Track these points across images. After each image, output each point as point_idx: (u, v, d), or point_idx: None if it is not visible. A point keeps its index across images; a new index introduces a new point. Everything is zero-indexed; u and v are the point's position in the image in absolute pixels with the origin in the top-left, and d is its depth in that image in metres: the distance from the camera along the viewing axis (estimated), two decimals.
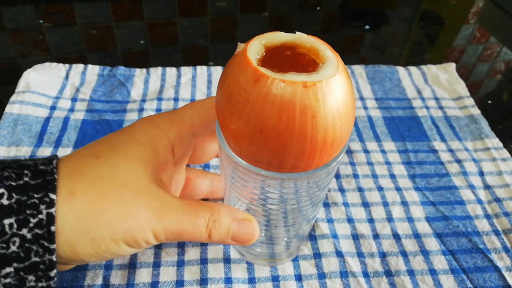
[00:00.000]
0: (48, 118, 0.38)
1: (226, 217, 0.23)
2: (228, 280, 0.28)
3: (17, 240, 0.18)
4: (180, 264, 0.29)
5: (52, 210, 0.19)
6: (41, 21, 0.52)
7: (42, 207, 0.19)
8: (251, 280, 0.29)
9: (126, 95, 0.42)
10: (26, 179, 0.19)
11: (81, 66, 0.44)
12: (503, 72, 0.51)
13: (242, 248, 0.29)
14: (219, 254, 0.30)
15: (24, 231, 0.18)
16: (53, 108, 0.39)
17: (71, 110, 0.40)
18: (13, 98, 0.39)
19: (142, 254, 0.29)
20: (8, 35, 0.50)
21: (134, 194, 0.21)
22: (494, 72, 0.51)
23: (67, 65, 0.44)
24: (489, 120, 0.41)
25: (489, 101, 0.46)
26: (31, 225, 0.19)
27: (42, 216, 0.19)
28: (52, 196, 0.19)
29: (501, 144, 0.39)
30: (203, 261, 0.29)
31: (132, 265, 0.29)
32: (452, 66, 0.48)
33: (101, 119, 0.39)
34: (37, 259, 0.19)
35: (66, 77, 0.43)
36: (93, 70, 0.44)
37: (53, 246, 0.19)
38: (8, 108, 0.38)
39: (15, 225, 0.18)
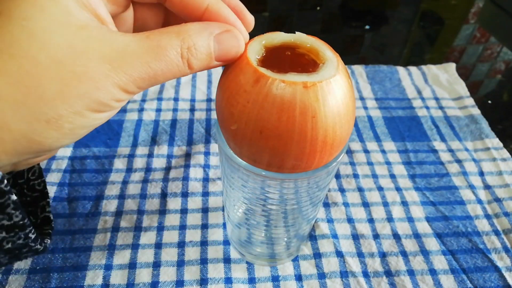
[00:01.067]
0: None
1: (200, 37, 0.18)
2: (228, 280, 0.28)
3: None
4: (180, 264, 0.29)
5: None
6: None
7: None
8: (251, 280, 0.29)
9: None
10: None
11: None
12: (503, 72, 0.51)
13: (242, 248, 0.29)
14: (219, 254, 0.30)
15: None
16: None
17: None
18: None
19: (142, 254, 0.29)
20: None
21: (71, 51, 0.16)
22: (494, 72, 0.51)
23: None
24: (489, 120, 0.41)
25: (489, 101, 0.45)
26: None
27: None
28: None
29: (501, 144, 0.39)
30: (203, 261, 0.29)
31: (132, 265, 0.29)
32: (452, 66, 0.48)
33: None
34: None
35: None
36: None
37: None
38: None
39: None
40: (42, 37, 0.15)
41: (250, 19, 0.20)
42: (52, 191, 0.33)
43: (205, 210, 0.32)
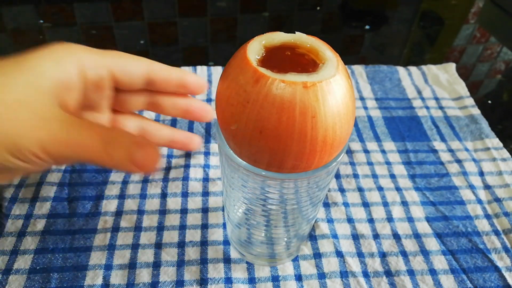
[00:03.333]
0: None
1: (123, 137, 0.20)
2: (228, 280, 0.28)
3: None
4: (180, 264, 0.29)
5: None
6: (41, 21, 0.52)
7: None
8: (251, 280, 0.29)
9: None
10: None
11: None
12: (503, 72, 0.51)
13: (242, 248, 0.29)
14: (219, 254, 0.30)
15: None
16: None
17: None
18: None
19: (142, 254, 0.29)
20: (8, 35, 0.50)
21: (20, 102, 0.19)
22: (494, 72, 0.51)
23: None
24: (489, 120, 0.41)
25: (489, 101, 0.46)
26: None
27: None
28: None
29: (501, 144, 0.39)
30: (203, 261, 0.29)
31: (132, 265, 0.29)
32: (452, 66, 0.48)
33: None
34: None
35: None
36: None
37: None
38: None
39: None
40: (8, 88, 0.19)
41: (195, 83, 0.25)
42: (52, 191, 0.33)
43: (205, 210, 0.32)
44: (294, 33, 0.20)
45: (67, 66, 0.22)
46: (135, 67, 0.25)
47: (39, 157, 0.19)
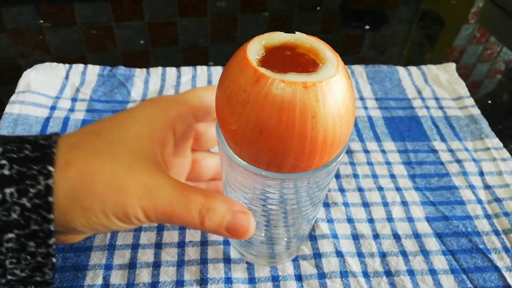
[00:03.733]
0: (48, 118, 0.38)
1: (221, 205, 0.22)
2: (228, 280, 0.28)
3: (18, 208, 0.19)
4: (180, 264, 0.29)
5: (50, 181, 0.20)
6: (41, 21, 0.52)
7: (41, 178, 0.20)
8: (251, 280, 0.29)
9: (126, 95, 0.42)
10: (26, 152, 0.20)
11: (81, 66, 0.44)
12: (503, 72, 0.51)
13: (242, 248, 0.29)
14: (219, 254, 0.30)
15: (24, 200, 0.19)
16: (53, 108, 0.39)
17: (71, 110, 0.40)
18: (13, 98, 0.39)
19: (142, 254, 0.29)
20: (8, 35, 0.50)
21: (127, 169, 0.21)
22: (494, 72, 0.51)
23: (67, 65, 0.44)
24: (489, 120, 0.41)
25: (489, 101, 0.46)
26: (30, 195, 0.19)
27: (41, 187, 0.19)
28: (50, 168, 0.20)
29: (501, 144, 0.39)
30: (203, 261, 0.29)
31: (132, 265, 0.29)
32: (452, 66, 0.48)
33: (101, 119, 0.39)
34: (36, 227, 0.20)
35: (66, 77, 0.43)
36: (93, 70, 0.44)
37: (50, 216, 0.20)
38: (8, 108, 0.38)
39: (15, 194, 0.19)
40: (115, 155, 0.21)
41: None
42: None
43: None
44: (294, 33, 0.20)
45: (160, 125, 0.24)
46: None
47: (141, 221, 0.21)
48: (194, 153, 0.30)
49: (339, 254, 0.30)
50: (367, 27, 0.56)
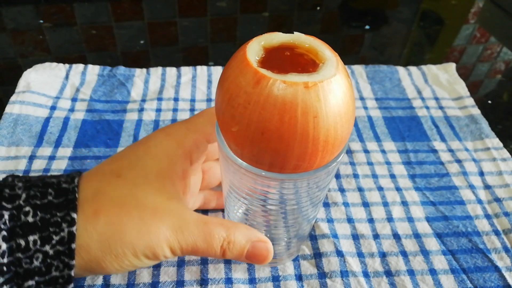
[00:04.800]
0: (48, 118, 0.38)
1: (241, 238, 0.24)
2: (228, 281, 0.28)
3: (40, 255, 0.20)
4: (180, 264, 0.29)
5: (73, 228, 0.20)
6: (41, 21, 0.52)
7: (64, 225, 0.20)
8: (252, 281, 0.29)
9: (126, 95, 0.42)
10: (50, 197, 0.21)
11: (81, 66, 0.44)
12: (503, 72, 0.51)
13: None
14: None
15: (47, 248, 0.20)
16: (53, 108, 0.39)
17: (71, 110, 0.40)
18: (13, 98, 0.39)
19: None
20: (8, 35, 0.50)
21: (153, 213, 0.22)
22: (494, 72, 0.51)
23: (67, 65, 0.44)
24: (489, 120, 0.41)
25: (489, 101, 0.46)
26: (53, 242, 0.20)
27: (64, 234, 0.20)
28: (73, 215, 0.20)
29: (501, 144, 0.39)
30: (204, 261, 0.29)
31: None
32: (452, 66, 0.48)
33: (101, 119, 0.39)
34: (57, 273, 0.20)
35: (66, 77, 0.43)
36: (93, 70, 0.44)
37: (72, 262, 0.20)
38: (8, 108, 0.38)
39: (38, 242, 0.20)
40: (140, 199, 0.22)
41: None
42: None
43: (205, 210, 0.32)
44: (293, 33, 0.20)
45: (179, 159, 0.24)
46: None
47: (167, 257, 0.23)
48: (202, 165, 0.30)
49: (340, 254, 0.30)
50: (367, 27, 0.56)
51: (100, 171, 0.24)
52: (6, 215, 0.20)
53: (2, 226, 0.19)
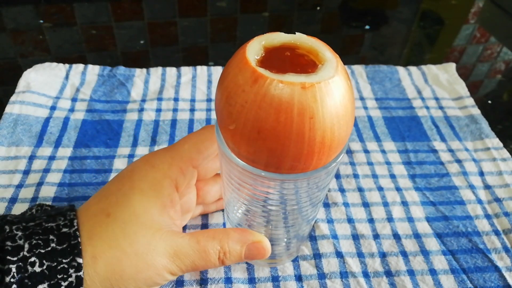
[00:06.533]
0: (48, 118, 0.38)
1: (235, 245, 0.24)
2: (228, 280, 0.28)
3: None
4: None
5: (80, 273, 0.21)
6: (41, 21, 0.52)
7: (71, 271, 0.21)
8: (251, 281, 0.29)
9: (126, 95, 0.42)
10: (52, 245, 0.21)
11: (81, 66, 0.44)
12: (503, 72, 0.51)
13: None
14: None
15: None
16: (53, 108, 0.39)
17: (71, 110, 0.40)
18: (13, 98, 0.39)
19: None
20: (8, 35, 0.50)
21: (147, 246, 0.23)
22: (494, 72, 0.51)
23: (67, 65, 0.44)
24: (489, 120, 0.41)
25: (489, 101, 0.45)
26: None
27: (72, 279, 0.21)
28: (79, 260, 0.21)
29: (501, 144, 0.39)
30: None
31: None
32: (452, 66, 0.48)
33: (101, 119, 0.39)
34: None
35: (66, 77, 0.43)
36: (93, 70, 0.44)
37: None
38: (8, 108, 0.38)
39: None
40: (132, 237, 0.23)
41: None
42: (52, 191, 0.33)
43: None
44: (294, 33, 0.20)
45: (166, 190, 0.25)
46: (211, 149, 0.27)
47: (168, 280, 0.24)
48: (196, 183, 0.30)
49: (339, 254, 0.30)
50: (367, 27, 0.56)
51: (90, 211, 0.24)
52: (14, 269, 0.20)
53: (12, 280, 0.20)
